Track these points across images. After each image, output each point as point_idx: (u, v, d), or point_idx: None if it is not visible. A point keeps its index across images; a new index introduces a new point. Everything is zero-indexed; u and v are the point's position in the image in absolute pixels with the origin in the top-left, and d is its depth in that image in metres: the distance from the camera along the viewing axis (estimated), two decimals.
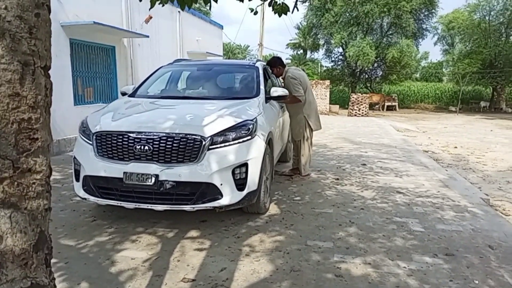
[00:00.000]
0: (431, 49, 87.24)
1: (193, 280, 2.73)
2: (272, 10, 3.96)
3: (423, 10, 24.03)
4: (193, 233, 3.58)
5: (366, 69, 25.70)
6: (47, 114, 1.19)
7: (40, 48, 1.13)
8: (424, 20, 25.05)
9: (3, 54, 1.04)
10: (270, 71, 5.57)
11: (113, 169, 3.48)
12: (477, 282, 2.74)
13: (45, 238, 1.19)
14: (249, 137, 3.64)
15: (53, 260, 2.97)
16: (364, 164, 6.80)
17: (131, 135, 3.50)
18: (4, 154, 1.07)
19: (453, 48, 31.04)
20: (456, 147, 9.71)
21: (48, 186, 1.20)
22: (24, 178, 1.11)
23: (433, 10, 24.16)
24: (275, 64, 5.57)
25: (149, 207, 3.50)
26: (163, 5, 3.31)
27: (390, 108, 25.64)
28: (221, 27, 17.38)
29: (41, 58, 1.14)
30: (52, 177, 4.45)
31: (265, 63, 5.63)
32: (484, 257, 3.14)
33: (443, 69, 35.65)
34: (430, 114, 23.76)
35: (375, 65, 25.74)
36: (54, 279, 1.24)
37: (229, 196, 3.48)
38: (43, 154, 1.17)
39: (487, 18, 24.96)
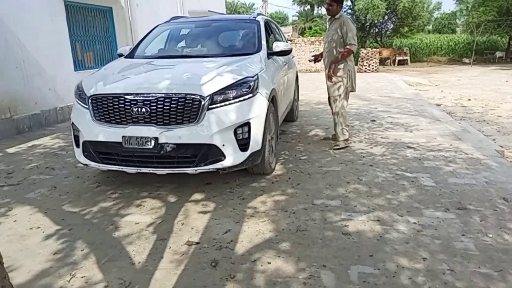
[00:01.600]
0: None
1: (197, 243, 2.67)
2: None
3: None
4: (197, 196, 3.51)
5: (376, 22, 24.75)
6: None
7: None
8: None
9: None
10: (327, 5, 4.79)
11: (111, 133, 3.37)
12: (491, 235, 2.63)
13: None
14: (251, 94, 3.47)
15: (57, 227, 2.96)
16: (374, 120, 6.61)
17: (128, 97, 3.35)
18: None
19: None
20: (469, 100, 9.39)
21: None
22: None
23: None
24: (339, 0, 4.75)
25: (151, 171, 3.42)
26: None
27: (401, 63, 24.89)
28: None
29: None
30: (57, 145, 4.42)
31: (267, 17, 5.33)
32: (499, 210, 3.02)
33: (457, 20, 34.16)
34: (443, 67, 23.02)
35: (386, 17, 24.74)
36: None
37: (232, 157, 3.36)
38: None
39: None
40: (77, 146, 3.70)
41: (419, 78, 15.48)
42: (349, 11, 25.86)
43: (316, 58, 5.38)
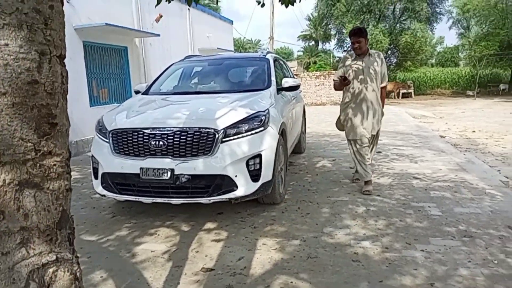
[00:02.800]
0: (446, 34, 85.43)
1: (212, 269, 2.78)
2: (279, 1, 3.96)
3: None
4: (210, 225, 3.63)
5: None
6: (64, 100, 1.26)
7: (55, 38, 1.20)
8: (438, 3, 24.57)
9: (21, 44, 1.11)
10: (355, 42, 4.31)
11: (129, 165, 3.56)
12: (496, 262, 2.72)
13: (67, 217, 1.27)
14: (262, 128, 3.67)
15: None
16: (379, 152, 6.75)
17: (146, 131, 3.57)
18: (27, 138, 1.14)
19: (469, 31, 30.28)
20: (474, 131, 9.54)
21: (68, 168, 1.27)
22: (45, 160, 1.19)
23: None
24: (365, 34, 4.34)
25: (166, 201, 3.57)
26: (169, 2, 3.36)
27: (405, 96, 25.26)
28: (231, 22, 17.39)
29: (56, 48, 1.21)
30: (72, 177, 4.55)
31: (275, 54, 5.62)
32: (504, 238, 3.11)
33: (459, 53, 34.82)
34: (447, 100, 23.30)
35: (389, 52, 25.39)
36: (77, 256, 1.31)
37: (244, 187, 3.52)
38: (62, 138, 1.24)
39: None
40: (96, 177, 3.87)
41: (423, 111, 15.71)
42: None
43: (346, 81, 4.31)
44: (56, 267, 1.20)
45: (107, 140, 3.73)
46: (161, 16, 10.58)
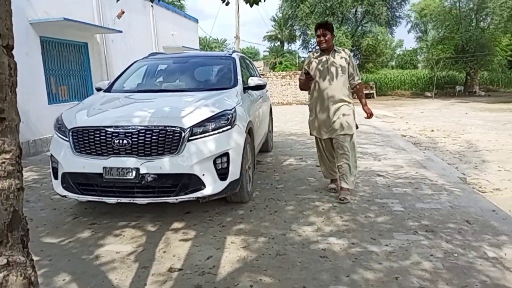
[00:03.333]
0: (405, 37, 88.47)
1: (180, 269, 2.73)
2: (244, 0, 3.95)
3: None
4: (178, 224, 3.57)
5: None
6: (13, 94, 1.17)
7: (0, 27, 1.11)
8: (397, 8, 25.48)
9: None
10: (325, 33, 4.08)
11: (92, 164, 3.43)
12: (456, 255, 2.83)
13: (19, 218, 1.19)
14: (229, 126, 3.64)
15: (36, 258, 2.91)
16: None
17: (109, 129, 3.45)
18: None
19: (427, 35, 31.64)
20: (433, 131, 9.94)
21: (19, 166, 1.19)
22: None
23: None
24: (332, 29, 4.18)
25: (131, 201, 3.47)
26: None
27: (368, 96, 25.84)
28: (196, 20, 17.22)
29: (3, 37, 1.12)
30: (30, 177, 4.37)
31: (241, 53, 5.61)
32: (462, 232, 3.25)
33: (418, 56, 36.32)
34: (407, 100, 24.18)
35: (352, 54, 26.00)
36: (32, 259, 1.24)
37: (212, 186, 3.48)
38: (11, 134, 1.16)
39: (457, 4, 25.49)
40: (56, 178, 3.70)
41: (385, 111, 16.21)
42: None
43: (310, 78, 4.24)
44: (7, 271, 1.13)
45: (67, 139, 3.58)
46: (123, 12, 10.30)
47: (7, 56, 1.14)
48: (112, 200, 3.50)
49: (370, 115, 4.32)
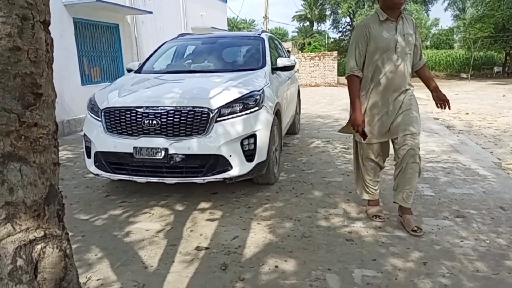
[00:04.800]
0: (441, 16, 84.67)
1: (207, 248, 2.79)
2: None
3: None
4: (204, 204, 3.63)
5: None
6: (50, 69, 1.19)
7: (38, 2, 1.11)
8: None
9: (0, 7, 1.03)
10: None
11: (123, 144, 3.51)
12: (488, 241, 2.75)
13: (55, 192, 1.22)
14: (257, 108, 3.63)
15: (70, 233, 3.07)
16: None
17: (139, 110, 3.51)
18: (10, 108, 1.08)
19: (464, 13, 30.15)
20: (467, 113, 9.57)
21: (55, 141, 1.22)
22: (30, 132, 1.12)
23: None
24: None
25: (160, 181, 3.55)
26: None
27: None
28: (225, 1, 17.08)
29: (40, 12, 1.12)
30: (64, 156, 4.53)
31: (270, 34, 5.53)
32: (496, 218, 3.14)
33: (454, 36, 34.75)
34: (442, 82, 23.30)
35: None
36: (67, 233, 1.28)
37: (239, 167, 3.50)
38: (48, 109, 1.18)
39: None
40: (89, 157, 3.83)
41: (418, 93, 15.60)
42: (348, 27, 26.32)
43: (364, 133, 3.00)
44: (44, 243, 1.16)
45: (100, 119, 3.67)
46: None
47: (44, 31, 1.15)
48: (142, 179, 3.59)
49: (445, 103, 3.19)
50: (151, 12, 9.77)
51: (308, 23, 41.61)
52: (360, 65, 2.99)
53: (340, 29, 27.14)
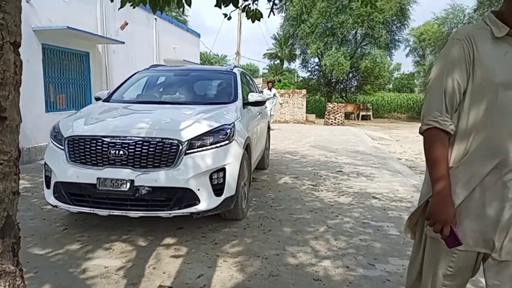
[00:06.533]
0: (403, 61, 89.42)
1: (170, 287, 2.66)
2: (246, 16, 3.98)
3: (395, 22, 24.70)
4: (169, 240, 3.50)
5: (341, 79, 26.14)
6: (16, 93, 1.12)
7: (9, 23, 1.07)
8: (396, 31, 25.75)
9: None
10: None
11: (86, 174, 3.37)
12: None
13: (12, 224, 1.12)
14: (227, 141, 3.61)
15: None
16: (340, 171, 6.87)
17: (105, 139, 3.41)
18: None
19: (424, 60, 32.04)
20: None
21: (17, 169, 1.14)
22: None
23: (405, 22, 24.85)
24: None
25: (124, 214, 3.40)
26: (134, 7, 3.24)
27: (364, 118, 26.09)
28: (198, 35, 17.36)
29: (10, 33, 1.08)
30: (22, 186, 4.28)
31: (242, 69, 5.62)
32: None
33: (415, 80, 36.69)
34: (403, 124, 24.31)
35: (350, 75, 26.23)
36: (22, 269, 1.17)
37: (207, 201, 3.43)
38: (11, 134, 1.11)
39: (454, 30, 25.88)
40: (48, 187, 3.64)
41: (381, 133, 16.26)
42: (316, 67, 27.28)
43: None
44: None
45: (63, 147, 3.53)
46: (126, 24, 10.35)
47: (14, 53, 1.09)
48: (104, 212, 3.44)
49: None
50: (123, 42, 9.74)
51: (278, 61, 42.87)
52: (452, 110, 1.56)
53: (309, 69, 28.02)
